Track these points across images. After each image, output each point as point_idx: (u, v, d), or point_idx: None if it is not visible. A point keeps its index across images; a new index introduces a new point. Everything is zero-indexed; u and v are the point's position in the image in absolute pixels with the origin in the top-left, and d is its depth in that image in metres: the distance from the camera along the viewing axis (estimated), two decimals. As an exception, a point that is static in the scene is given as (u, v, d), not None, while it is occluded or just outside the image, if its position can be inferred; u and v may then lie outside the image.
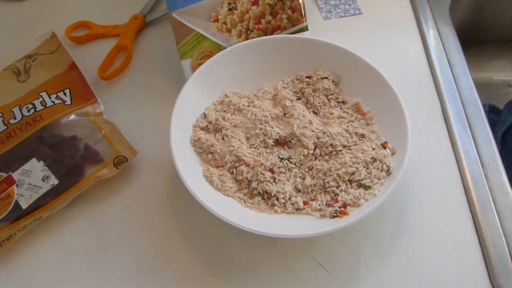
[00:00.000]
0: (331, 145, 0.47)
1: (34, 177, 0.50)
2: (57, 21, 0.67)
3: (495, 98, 0.82)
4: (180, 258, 0.46)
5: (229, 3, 0.54)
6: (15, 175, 0.50)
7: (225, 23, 0.55)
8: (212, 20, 0.55)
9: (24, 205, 0.49)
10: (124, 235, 0.48)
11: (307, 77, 0.54)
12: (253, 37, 0.54)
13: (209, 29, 0.55)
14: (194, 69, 0.55)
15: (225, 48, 0.53)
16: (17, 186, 0.49)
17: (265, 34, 0.55)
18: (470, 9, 0.79)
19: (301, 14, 0.55)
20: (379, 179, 0.44)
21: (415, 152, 0.48)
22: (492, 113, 0.76)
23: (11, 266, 0.47)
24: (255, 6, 0.54)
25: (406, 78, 0.59)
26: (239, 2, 0.54)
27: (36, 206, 0.49)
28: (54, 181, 0.50)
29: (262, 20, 0.55)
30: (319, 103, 0.52)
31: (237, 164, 0.47)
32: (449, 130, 0.54)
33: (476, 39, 0.84)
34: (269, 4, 0.54)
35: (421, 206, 0.48)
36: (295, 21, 0.56)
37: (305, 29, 0.56)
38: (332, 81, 0.53)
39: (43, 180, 0.50)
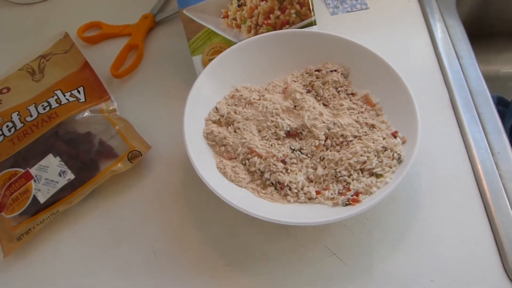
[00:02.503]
0: (341, 135, 0.48)
1: (51, 172, 0.51)
2: (69, 22, 0.69)
3: (504, 91, 0.82)
4: (194, 249, 0.47)
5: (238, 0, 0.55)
6: (33, 171, 0.51)
7: (234, 19, 0.56)
8: (222, 16, 0.56)
9: (41, 199, 0.50)
10: (140, 227, 0.49)
11: (316, 70, 0.54)
12: (262, 32, 0.55)
13: (219, 25, 0.56)
14: (205, 64, 0.56)
15: (235, 43, 0.54)
16: (34, 181, 0.51)
17: (274, 29, 0.56)
18: (477, 2, 0.80)
19: (309, 8, 0.56)
20: (391, 167, 0.45)
21: (424, 142, 0.49)
22: (501, 105, 0.76)
23: (31, 259, 0.48)
24: (264, 1, 0.55)
25: (414, 70, 0.59)
26: (248, -2, 0.55)
27: (54, 200, 0.50)
28: (70, 175, 0.51)
29: (271, 15, 0.56)
30: (328, 95, 0.53)
31: (249, 155, 0.47)
32: (458, 120, 0.55)
33: (483, 33, 0.85)
34: (278, 0, 0.55)
35: (432, 195, 0.49)
36: (304, 15, 0.56)
37: (313, 23, 0.57)
38: (341, 74, 0.54)
39: (60, 175, 0.51)
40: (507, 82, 0.86)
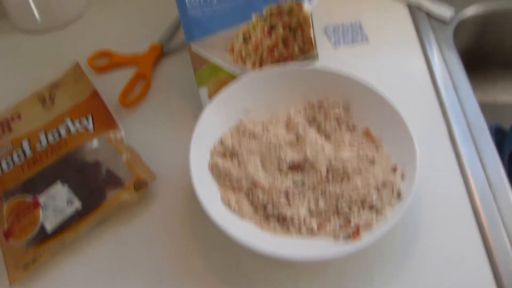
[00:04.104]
0: (343, 169, 0.49)
1: (58, 201, 0.52)
2: (80, 51, 0.71)
3: (501, 119, 0.83)
4: (199, 277, 0.48)
5: (243, 35, 0.57)
6: (41, 199, 0.52)
7: (240, 53, 0.58)
8: (228, 51, 0.58)
9: (49, 227, 0.51)
10: (145, 256, 0.50)
11: (318, 103, 0.56)
12: (266, 67, 0.57)
13: (225, 59, 0.58)
14: (211, 96, 0.58)
15: (240, 77, 0.56)
16: (42, 209, 0.52)
17: (278, 64, 0.58)
18: (473, 34, 0.82)
19: (312, 44, 0.58)
20: (390, 203, 0.46)
21: (424, 175, 0.50)
22: (499, 134, 0.78)
23: (37, 287, 0.49)
24: (269, 37, 0.57)
25: (413, 102, 0.61)
26: (253, 34, 0.57)
27: (61, 229, 0.51)
28: (77, 204, 0.52)
29: (275, 51, 0.58)
30: (330, 128, 0.54)
31: (253, 188, 0.49)
32: (456, 152, 0.56)
33: (480, 62, 0.87)
34: (282, 36, 0.57)
35: (431, 226, 0.50)
36: (306, 51, 0.58)
37: (315, 58, 0.59)
38: (342, 108, 0.55)
39: (67, 204, 0.52)
40: (504, 110, 0.88)
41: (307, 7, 0.58)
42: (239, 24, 0.57)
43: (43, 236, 0.51)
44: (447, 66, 0.67)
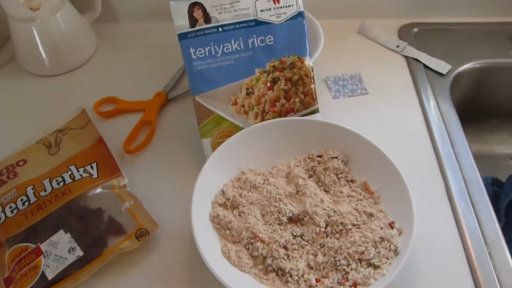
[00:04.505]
0: (341, 223, 0.50)
1: (60, 249, 0.52)
2: (86, 96, 0.73)
3: (497, 171, 0.85)
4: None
5: (247, 88, 0.60)
6: (43, 246, 0.53)
7: (243, 106, 0.60)
8: (231, 103, 0.60)
9: (50, 276, 0.51)
10: (144, 306, 0.50)
11: (318, 156, 0.58)
12: (268, 119, 0.59)
13: (228, 111, 0.60)
14: (213, 147, 0.59)
15: (242, 128, 0.58)
16: (44, 257, 0.52)
17: (280, 116, 0.60)
18: (470, 86, 0.84)
19: (313, 97, 0.61)
20: (387, 259, 0.47)
21: (421, 229, 0.51)
22: (495, 185, 0.79)
23: (34, 336, 0.49)
24: (271, 90, 0.60)
25: (410, 155, 0.62)
26: (256, 87, 0.60)
27: (61, 277, 0.51)
28: (79, 252, 0.52)
29: (277, 104, 0.60)
30: (329, 181, 0.55)
31: (253, 240, 0.50)
32: (453, 208, 0.57)
33: (477, 113, 0.89)
34: (284, 89, 0.60)
35: (428, 282, 0.50)
36: (307, 104, 0.61)
37: (316, 111, 0.61)
38: (342, 161, 0.57)
39: (69, 252, 0.52)
40: (501, 161, 0.89)
41: (308, 62, 0.60)
42: (242, 79, 0.59)
43: (43, 284, 0.51)
44: (443, 118, 0.69)
